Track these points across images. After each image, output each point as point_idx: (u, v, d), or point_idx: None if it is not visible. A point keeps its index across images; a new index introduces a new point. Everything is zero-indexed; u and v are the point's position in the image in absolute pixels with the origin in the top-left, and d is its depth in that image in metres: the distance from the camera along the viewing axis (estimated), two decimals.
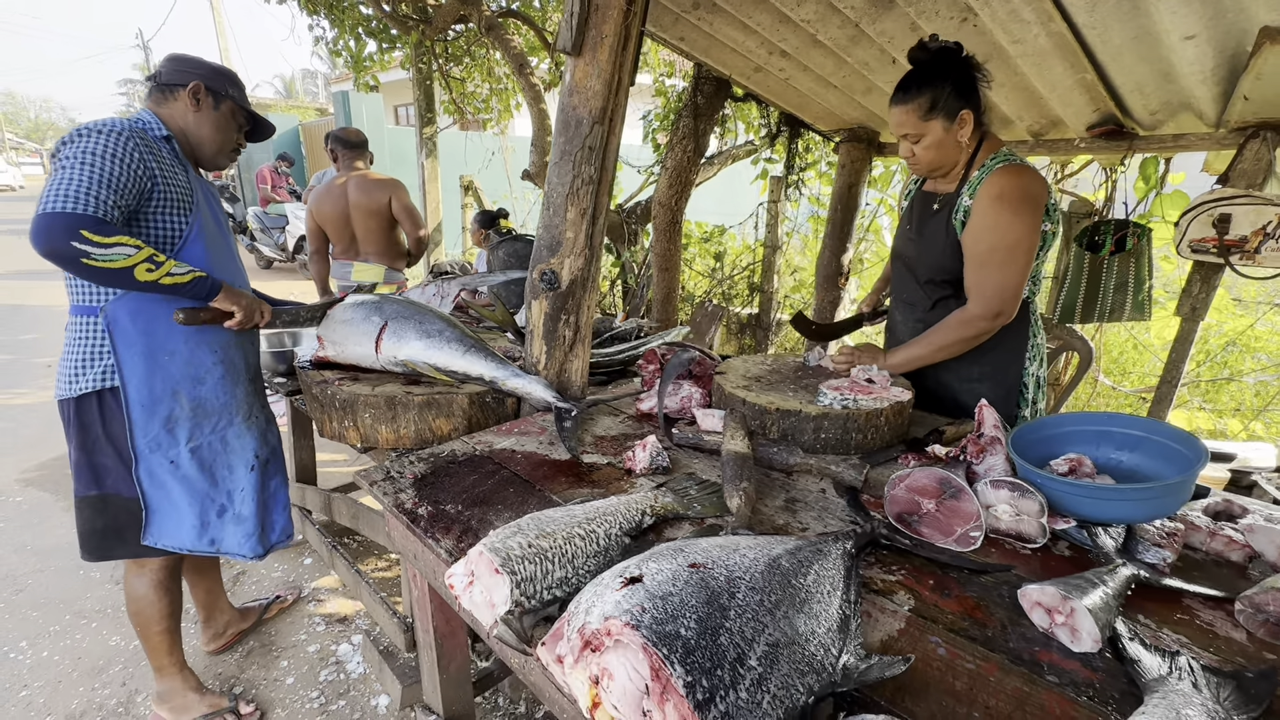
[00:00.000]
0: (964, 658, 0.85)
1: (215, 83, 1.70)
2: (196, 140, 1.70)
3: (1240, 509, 1.21)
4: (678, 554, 0.83)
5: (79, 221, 1.34)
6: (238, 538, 1.78)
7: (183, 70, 1.67)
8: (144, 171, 1.50)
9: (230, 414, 1.76)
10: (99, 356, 1.56)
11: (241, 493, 1.78)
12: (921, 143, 1.54)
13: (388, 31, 5.18)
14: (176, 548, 1.69)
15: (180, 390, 1.64)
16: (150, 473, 1.63)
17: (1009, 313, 1.56)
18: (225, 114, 1.73)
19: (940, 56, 1.50)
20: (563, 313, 1.69)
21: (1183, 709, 0.72)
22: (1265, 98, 1.88)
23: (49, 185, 1.37)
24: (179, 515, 1.68)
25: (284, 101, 25.87)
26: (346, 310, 1.87)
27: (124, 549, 1.67)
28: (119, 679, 2.06)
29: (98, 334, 1.55)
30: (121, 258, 1.39)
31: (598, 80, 1.51)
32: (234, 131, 1.78)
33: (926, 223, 1.67)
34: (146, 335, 1.58)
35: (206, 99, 1.68)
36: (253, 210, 9.86)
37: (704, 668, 0.65)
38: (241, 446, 1.78)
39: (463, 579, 0.93)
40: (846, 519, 1.20)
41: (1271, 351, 4.02)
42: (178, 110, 1.68)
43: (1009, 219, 1.48)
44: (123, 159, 1.45)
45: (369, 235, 3.36)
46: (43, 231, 1.32)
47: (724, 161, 4.74)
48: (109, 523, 1.64)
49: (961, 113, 1.50)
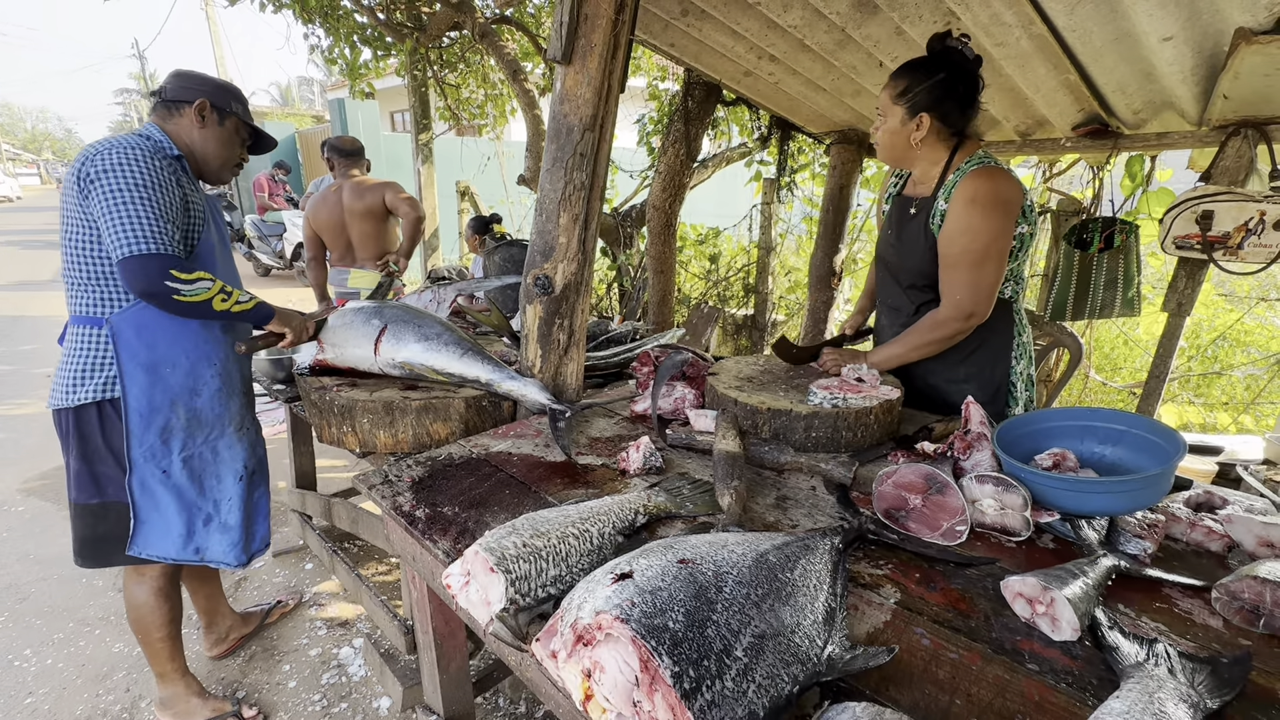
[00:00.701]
0: (948, 648, 0.88)
1: (220, 99, 1.72)
2: (202, 157, 1.73)
3: (1220, 500, 1.23)
4: (667, 550, 0.85)
5: (169, 263, 1.48)
6: (223, 546, 1.80)
7: (188, 87, 1.70)
8: (179, 195, 1.58)
9: (223, 425, 1.79)
10: (101, 367, 1.58)
11: (229, 502, 1.80)
12: (884, 124, 1.58)
13: (383, 39, 5.21)
14: (160, 557, 1.71)
15: (178, 401, 1.67)
16: (142, 482, 1.65)
17: (981, 314, 1.57)
18: (230, 130, 1.76)
19: (943, 55, 1.51)
20: (557, 317, 1.72)
21: (1156, 693, 0.74)
22: (1244, 96, 1.91)
23: (118, 222, 1.45)
24: (166, 525, 1.70)
25: (280, 109, 25.90)
26: (347, 315, 1.90)
27: (123, 555, 1.69)
28: (123, 685, 2.08)
29: (101, 345, 1.58)
30: (204, 291, 1.51)
31: (588, 88, 1.54)
32: (238, 147, 1.81)
33: (905, 227, 1.69)
34: (150, 348, 1.61)
35: (212, 115, 1.71)
36: (250, 218, 9.90)
37: (691, 658, 0.68)
38: (232, 457, 1.81)
39: (459, 578, 0.95)
40: (836, 515, 1.23)
41: (1261, 345, 4.06)
42: (184, 127, 1.70)
43: (980, 222, 1.49)
44: (165, 186, 1.53)
45: (365, 240, 3.39)
46: (140, 274, 1.45)
47: (718, 164, 4.77)
48: (109, 529, 1.67)
49: (921, 114, 1.52)
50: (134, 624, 1.81)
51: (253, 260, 9.98)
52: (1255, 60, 1.60)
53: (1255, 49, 1.54)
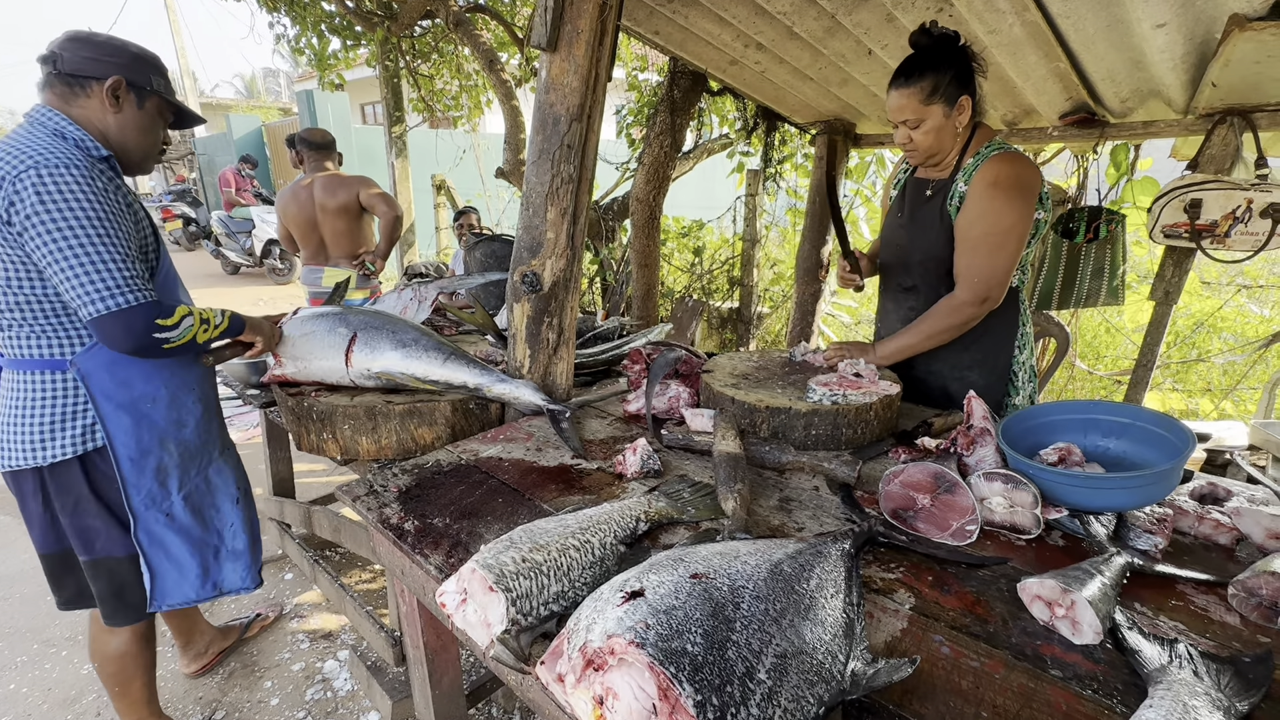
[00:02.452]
0: (968, 655, 0.84)
1: (138, 75, 1.39)
2: (120, 147, 1.42)
3: (1225, 491, 1.22)
4: (678, 564, 0.81)
5: (151, 312, 1.29)
6: (238, 573, 1.70)
7: (95, 59, 1.35)
8: (130, 214, 1.35)
9: (211, 452, 1.66)
10: (74, 416, 1.40)
11: (231, 528, 1.69)
12: (921, 128, 1.53)
13: (352, 28, 5.05)
14: (184, 603, 1.59)
15: (167, 438, 1.52)
16: (148, 532, 1.51)
17: (996, 298, 1.57)
18: (152, 113, 1.45)
19: (942, 43, 1.49)
20: (546, 315, 1.66)
21: (1189, 700, 0.72)
22: (1232, 84, 1.91)
23: (80, 273, 1.22)
24: (181, 570, 1.58)
25: (246, 102, 25.16)
26: (305, 323, 1.73)
27: (126, 614, 1.55)
28: (93, 709, 1.98)
29: (69, 391, 1.39)
30: (189, 330, 1.35)
31: (574, 76, 1.47)
32: (161, 130, 1.50)
33: (919, 209, 1.66)
34: (126, 386, 1.44)
35: (129, 97, 1.39)
36: (217, 214, 9.59)
37: (713, 685, 0.63)
38: (224, 482, 1.69)
39: (455, 597, 0.89)
40: (842, 517, 1.19)
41: (1238, 332, 4.15)
42: (93, 110, 1.37)
43: (1002, 205, 1.49)
44: (117, 211, 1.30)
45: (338, 238, 3.27)
46: (124, 333, 1.27)
47: (700, 155, 4.72)
48: (110, 588, 1.52)
49: (961, 99, 1.49)
50: (111, 676, 1.65)
51: (220, 258, 9.67)
52: (1247, 47, 1.59)
53: (1248, 35, 1.53)
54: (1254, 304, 4.37)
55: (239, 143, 12.48)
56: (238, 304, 7.87)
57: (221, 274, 9.78)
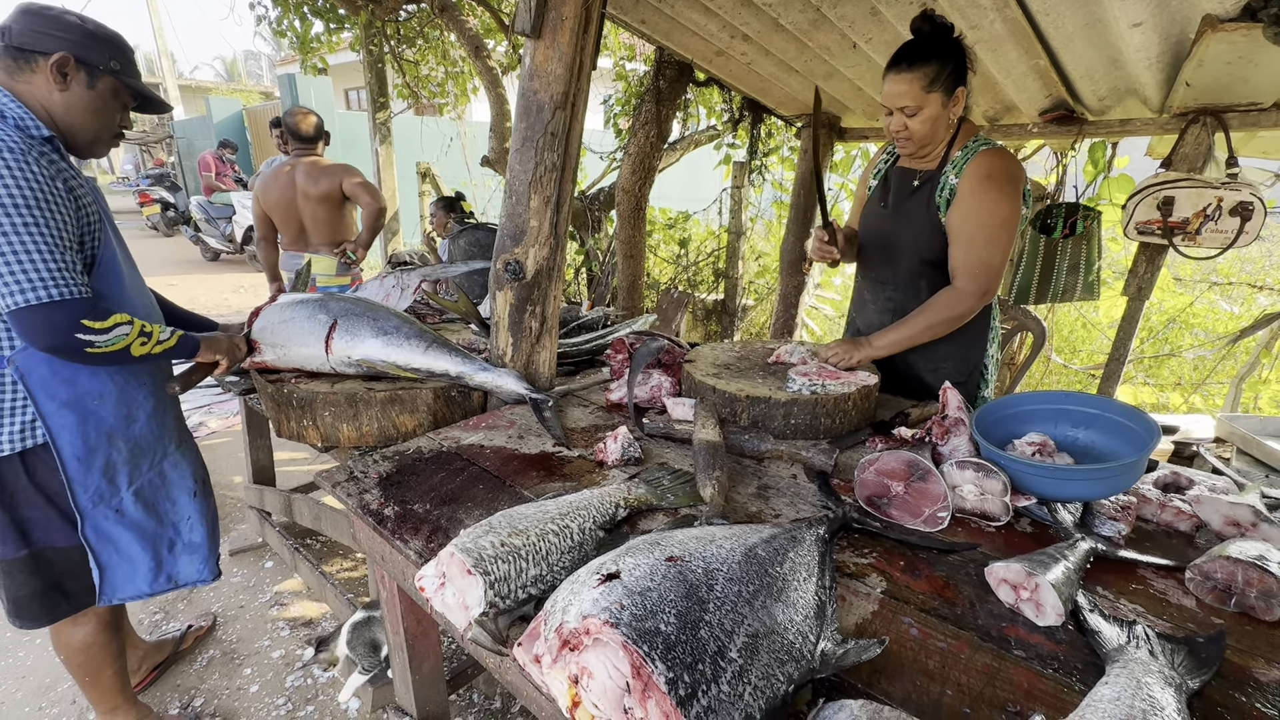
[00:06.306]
0: (935, 636, 0.87)
1: (89, 53, 1.32)
2: (65, 126, 1.35)
3: (1187, 481, 1.26)
4: (654, 548, 0.82)
5: (78, 310, 1.21)
6: (195, 565, 1.67)
7: (44, 33, 1.28)
8: (70, 199, 1.26)
9: (165, 446, 1.61)
10: (11, 413, 1.34)
11: (188, 521, 1.65)
12: (919, 116, 1.50)
13: (335, 11, 4.96)
14: (136, 597, 1.56)
15: (115, 434, 1.46)
16: (96, 528, 1.47)
17: (993, 291, 1.58)
18: (103, 94, 1.37)
19: (942, 31, 1.50)
20: (528, 303, 1.66)
21: (1142, 677, 0.75)
22: (1205, 84, 1.95)
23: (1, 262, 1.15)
24: (131, 564, 1.54)
25: (226, 85, 24.65)
26: (285, 310, 1.72)
27: (67, 605, 1.51)
28: (68, 697, 1.96)
29: (7, 389, 1.33)
30: (121, 339, 1.27)
31: (559, 64, 1.47)
32: (115, 113, 1.43)
33: (905, 200, 1.66)
34: (69, 384, 1.37)
35: (78, 75, 1.32)
36: (196, 200, 9.41)
37: (685, 663, 0.65)
38: (180, 476, 1.64)
39: (434, 581, 0.90)
40: (818, 504, 1.21)
41: (1209, 328, 4.25)
42: (38, 87, 1.29)
43: (997, 198, 1.51)
44: (52, 196, 1.21)
45: (318, 225, 3.23)
46: (41, 329, 1.19)
47: (687, 147, 4.72)
48: (46, 582, 1.47)
49: (957, 90, 1.49)
50: (79, 668, 1.62)
51: (200, 244, 9.50)
52: (1219, 48, 1.63)
53: (1220, 36, 1.56)
54: (1224, 301, 4.49)
55: (219, 126, 12.22)
56: (218, 291, 7.75)
57: (200, 260, 9.61)
